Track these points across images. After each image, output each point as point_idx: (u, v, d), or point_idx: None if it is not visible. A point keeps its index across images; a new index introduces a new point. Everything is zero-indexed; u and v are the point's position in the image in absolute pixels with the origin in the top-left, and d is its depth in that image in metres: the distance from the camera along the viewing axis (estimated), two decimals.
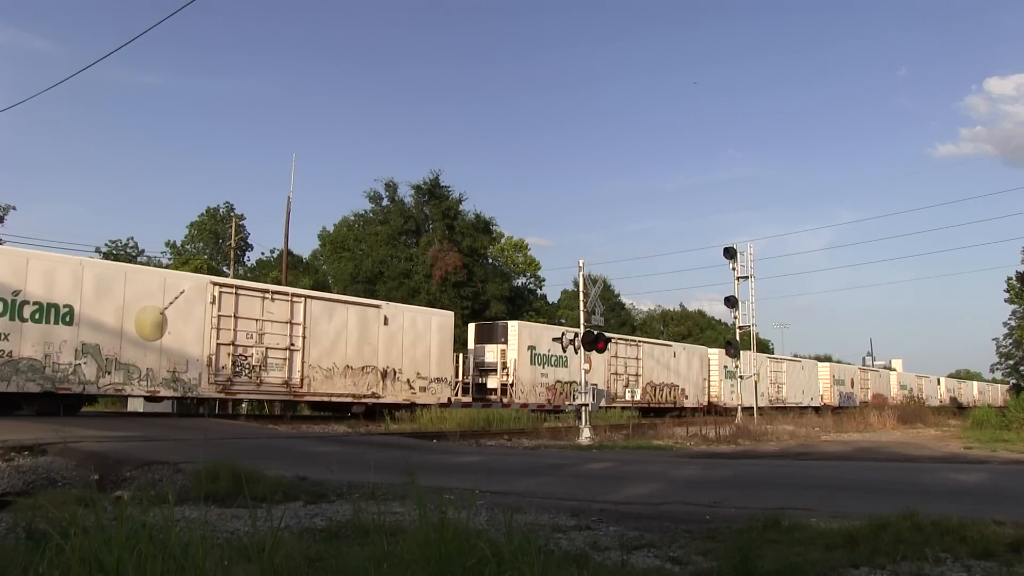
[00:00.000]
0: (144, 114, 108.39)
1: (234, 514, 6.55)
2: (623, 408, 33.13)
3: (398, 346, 24.81)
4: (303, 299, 22.36)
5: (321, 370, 22.34)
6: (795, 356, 62.90)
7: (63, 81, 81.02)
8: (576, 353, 23.13)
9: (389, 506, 6.92)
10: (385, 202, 51.66)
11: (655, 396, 36.05)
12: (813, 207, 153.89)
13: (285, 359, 21.49)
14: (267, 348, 21.09)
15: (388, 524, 4.95)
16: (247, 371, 20.59)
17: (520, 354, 28.77)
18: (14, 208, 41.17)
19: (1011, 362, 72.76)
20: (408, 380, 24.95)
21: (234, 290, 20.71)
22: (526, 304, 55.22)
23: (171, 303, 19.23)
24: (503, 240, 58.03)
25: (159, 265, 44.38)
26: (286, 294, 22.34)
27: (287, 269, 40.05)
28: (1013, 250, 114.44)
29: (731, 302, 30.20)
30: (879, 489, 9.80)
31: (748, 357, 41.37)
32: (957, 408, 56.17)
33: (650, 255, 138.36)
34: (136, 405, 25.12)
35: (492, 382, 28.74)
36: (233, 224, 51.67)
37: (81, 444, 11.58)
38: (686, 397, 37.80)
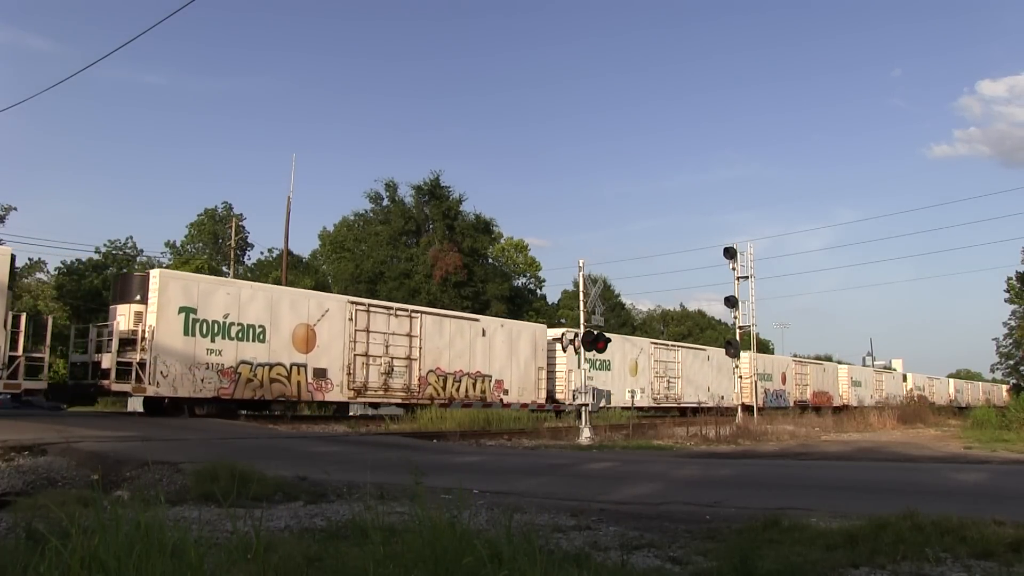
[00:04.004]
0: (144, 113, 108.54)
1: (234, 514, 6.54)
2: (388, 405, 24.59)
3: None
4: None
5: None
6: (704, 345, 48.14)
7: (63, 81, 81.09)
8: (576, 353, 23.12)
9: (389, 506, 6.91)
10: (385, 202, 51.75)
11: (444, 389, 26.02)
12: (813, 207, 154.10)
13: None
14: None
15: (388, 524, 4.95)
16: None
17: (165, 319, 19.28)
18: (15, 208, 41.23)
19: (1011, 362, 72.75)
20: None
21: None
22: (526, 304, 55.24)
23: None
24: (503, 240, 58.08)
25: (159, 265, 44.36)
26: None
27: (287, 269, 40.07)
28: (1013, 250, 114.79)
29: (731, 302, 30.19)
30: (879, 489, 9.80)
31: (617, 342, 32.72)
32: (957, 409, 54.69)
33: (650, 255, 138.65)
34: (136, 405, 25.08)
35: (107, 361, 18.91)
36: (233, 224, 51.71)
37: (81, 444, 11.57)
38: (505, 392, 28.07)
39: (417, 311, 26.22)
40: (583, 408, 21.42)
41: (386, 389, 24.18)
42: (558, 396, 30.35)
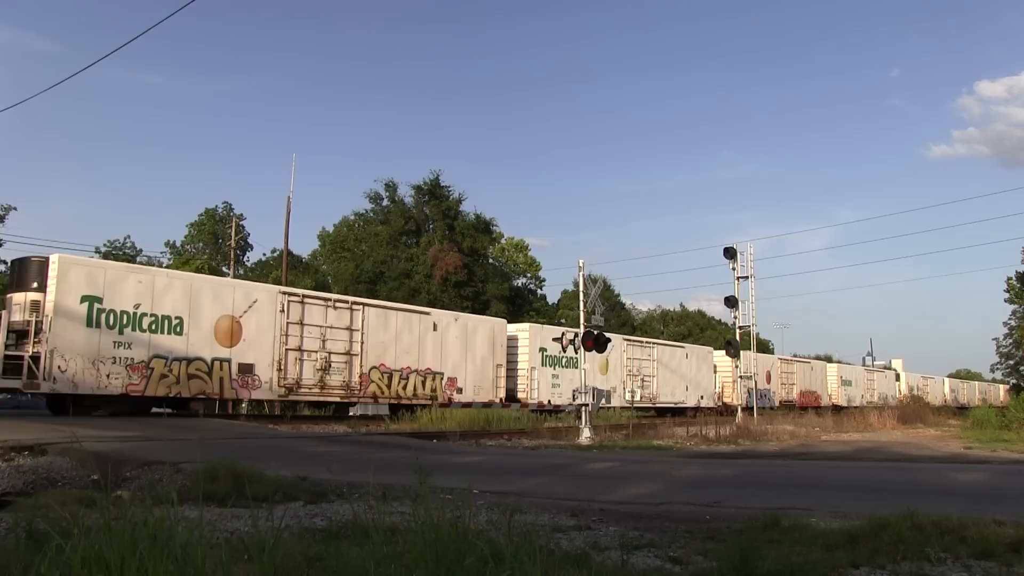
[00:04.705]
0: (143, 113, 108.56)
1: (234, 514, 6.54)
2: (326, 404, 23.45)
3: None
4: None
5: None
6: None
7: (63, 81, 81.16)
8: (576, 353, 23.12)
9: (390, 506, 6.91)
10: (385, 202, 51.77)
11: (389, 387, 24.34)
12: (813, 207, 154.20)
13: None
14: None
15: (388, 524, 4.95)
16: None
17: (65, 309, 17.72)
18: (15, 208, 41.26)
19: (1011, 362, 72.86)
20: None
21: None
22: (526, 304, 55.24)
23: None
24: (503, 240, 58.10)
25: (160, 265, 44.34)
26: None
27: (287, 269, 40.05)
28: (1013, 250, 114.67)
29: (731, 302, 30.20)
30: (879, 489, 9.80)
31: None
32: (957, 409, 54.31)
33: (650, 255, 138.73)
34: None
35: None
36: (233, 224, 51.71)
37: (81, 444, 11.57)
38: (458, 390, 26.40)
39: (359, 303, 24.44)
40: (583, 408, 21.44)
41: (322, 387, 22.62)
42: (519, 395, 28.59)
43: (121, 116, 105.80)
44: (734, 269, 30.25)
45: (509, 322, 30.73)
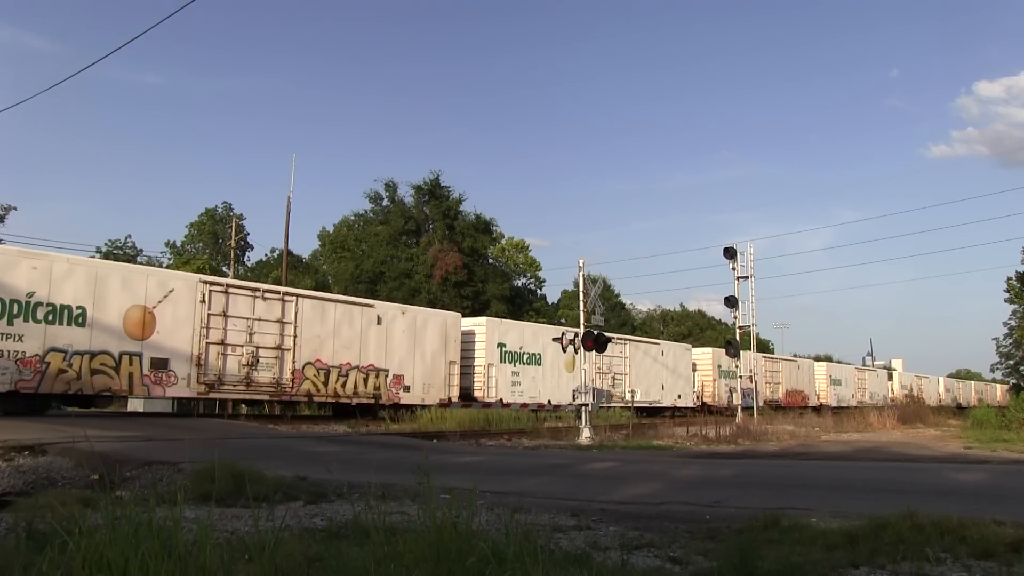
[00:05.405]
0: (143, 113, 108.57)
1: (234, 514, 6.55)
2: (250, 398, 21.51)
3: None
4: None
5: None
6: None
7: (63, 81, 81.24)
8: (576, 353, 23.11)
9: (390, 506, 6.91)
10: (385, 202, 51.79)
11: (326, 384, 22.49)
12: (813, 207, 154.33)
13: None
14: None
15: (388, 524, 4.96)
16: None
17: None
18: (15, 208, 41.26)
19: (1011, 362, 72.94)
20: None
21: None
22: (526, 304, 55.25)
23: None
24: (504, 241, 58.10)
25: (160, 265, 44.33)
26: None
27: (287, 269, 40.06)
28: (1013, 250, 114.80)
29: (731, 302, 30.19)
30: (879, 489, 9.80)
31: (547, 333, 28.40)
32: (957, 409, 54.15)
33: (650, 255, 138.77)
34: (136, 405, 25.06)
35: None
36: (233, 224, 51.71)
37: (81, 444, 11.56)
38: (405, 389, 24.65)
39: (292, 293, 22.72)
40: (583, 408, 21.45)
41: (248, 384, 20.73)
42: (475, 394, 26.77)
43: (121, 116, 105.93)
44: (734, 269, 30.25)
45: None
